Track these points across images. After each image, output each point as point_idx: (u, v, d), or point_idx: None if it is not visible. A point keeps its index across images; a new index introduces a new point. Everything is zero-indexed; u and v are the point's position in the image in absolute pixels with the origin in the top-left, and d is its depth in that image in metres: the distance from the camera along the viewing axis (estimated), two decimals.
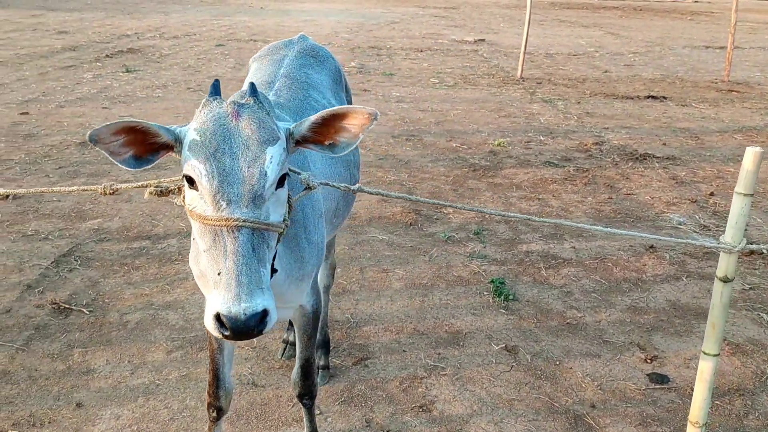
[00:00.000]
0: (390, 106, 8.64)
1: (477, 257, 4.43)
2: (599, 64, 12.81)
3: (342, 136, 1.67)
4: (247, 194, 1.45)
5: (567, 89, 10.30)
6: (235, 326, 1.39)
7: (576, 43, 15.93)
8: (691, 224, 5.07)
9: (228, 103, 1.52)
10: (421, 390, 3.06)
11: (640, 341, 3.52)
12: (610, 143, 7.24)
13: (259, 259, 1.44)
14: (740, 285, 4.13)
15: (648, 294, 4.01)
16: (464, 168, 6.27)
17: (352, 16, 20.34)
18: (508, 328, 3.61)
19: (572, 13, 24.61)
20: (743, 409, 3.00)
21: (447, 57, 13.14)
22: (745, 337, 3.56)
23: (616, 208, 5.37)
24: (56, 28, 14.20)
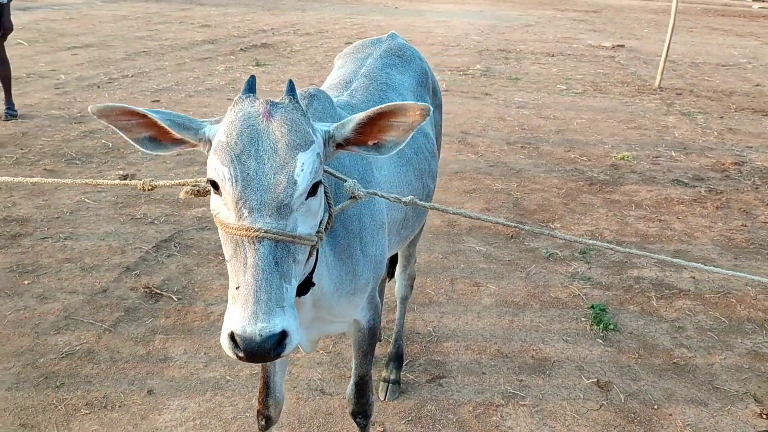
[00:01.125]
0: (509, 112, 8.34)
1: (579, 279, 4.10)
2: (751, 77, 11.72)
3: (389, 135, 1.50)
4: (272, 203, 1.32)
5: (710, 102, 9.48)
6: (249, 348, 1.27)
7: (727, 53, 14.71)
8: None
9: (261, 102, 1.40)
10: (495, 419, 2.84)
11: (757, 392, 3.08)
12: (753, 164, 6.54)
13: (282, 274, 1.31)
14: None
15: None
16: (580, 181, 5.88)
17: (485, 18, 20.02)
18: (603, 361, 3.29)
19: (726, 21, 22.81)
20: None
21: (579, 62, 12.55)
22: None
23: (750, 237, 4.81)
24: (200, 22, 15.02)
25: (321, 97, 1.78)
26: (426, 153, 2.27)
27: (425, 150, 2.27)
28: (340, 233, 1.76)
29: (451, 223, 4.85)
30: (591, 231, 4.84)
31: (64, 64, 9.61)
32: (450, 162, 6.25)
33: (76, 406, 2.75)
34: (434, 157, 2.37)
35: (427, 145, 2.29)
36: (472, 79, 10.46)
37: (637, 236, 4.79)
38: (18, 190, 4.89)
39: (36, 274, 3.74)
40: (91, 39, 11.83)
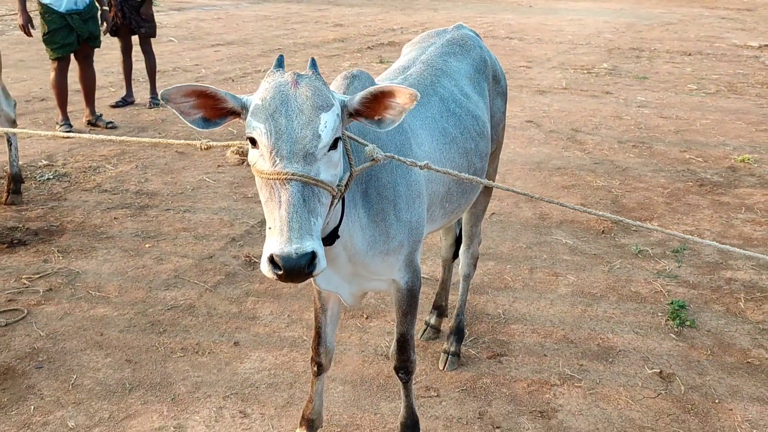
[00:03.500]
0: (628, 111, 8.13)
1: (665, 276, 4.05)
2: None
3: (389, 113, 1.73)
4: (300, 152, 1.59)
5: None
6: (287, 265, 1.53)
7: None
8: None
9: (289, 74, 1.67)
10: (547, 396, 2.95)
11: None
12: None
13: (309, 210, 1.58)
14: None
15: None
16: (689, 182, 5.70)
17: (624, 15, 19.29)
18: (671, 354, 3.28)
19: None
20: None
21: (719, 62, 11.87)
22: None
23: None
24: (334, 21, 15.75)
25: (362, 77, 2.03)
26: (473, 133, 2.44)
27: (472, 131, 2.44)
28: (374, 198, 2.00)
29: (542, 215, 4.91)
30: (690, 231, 4.72)
31: (207, 59, 10.53)
32: (553, 158, 6.26)
33: (173, 349, 3.18)
34: (484, 139, 2.52)
35: (475, 127, 2.46)
36: (596, 77, 10.25)
37: (740, 239, 4.61)
38: (152, 168, 5.55)
39: (156, 240, 4.28)
40: (233, 37, 12.82)
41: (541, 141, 6.80)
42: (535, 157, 6.30)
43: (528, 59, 11.70)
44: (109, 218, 4.57)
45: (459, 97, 2.45)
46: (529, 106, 8.29)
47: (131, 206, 4.78)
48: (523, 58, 11.78)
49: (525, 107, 8.21)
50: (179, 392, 2.88)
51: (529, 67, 10.99)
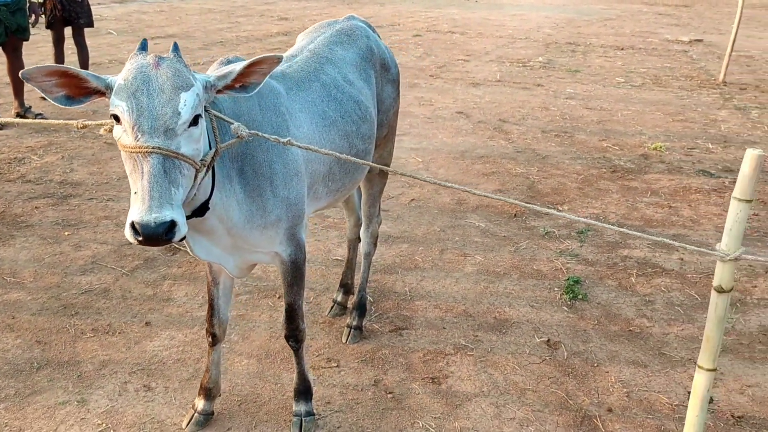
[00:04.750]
0: (556, 102, 8.44)
1: (567, 255, 4.31)
2: None
3: (252, 79, 1.93)
4: (160, 128, 1.73)
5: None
6: (146, 232, 1.69)
7: None
8: None
9: (151, 56, 1.82)
10: (440, 364, 3.15)
11: None
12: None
13: (170, 181, 1.73)
14: None
15: (742, 316, 3.63)
16: (603, 169, 6.00)
17: (566, 11, 19.78)
18: (561, 325, 3.52)
19: None
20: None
21: (649, 56, 12.33)
22: None
23: (758, 226, 4.83)
24: (280, 15, 15.78)
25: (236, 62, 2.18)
26: (355, 117, 2.61)
27: (354, 115, 2.61)
28: (250, 175, 2.16)
29: (460, 201, 5.13)
30: (597, 214, 5.00)
31: None
32: (478, 147, 6.50)
33: (84, 330, 3.29)
34: (366, 122, 2.69)
35: (357, 111, 2.63)
36: (530, 70, 10.56)
37: (641, 220, 4.90)
38: (78, 159, 5.58)
39: (76, 228, 4.35)
40: (175, 30, 12.76)
41: (469, 131, 7.04)
42: (461, 146, 6.53)
43: (467, 53, 11.96)
44: (30, 207, 4.61)
45: (341, 84, 2.62)
46: (461, 97, 8.53)
47: (54, 196, 4.82)
48: (462, 52, 12.04)
49: (457, 99, 8.45)
50: (86, 370, 2.99)
51: (467, 60, 11.25)
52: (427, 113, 7.71)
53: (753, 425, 2.80)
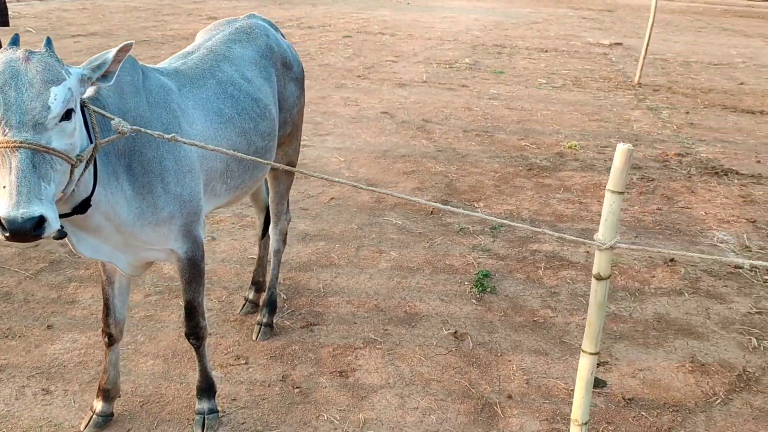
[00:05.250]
0: (479, 103, 8.63)
1: (479, 250, 4.43)
2: (739, 76, 11.81)
3: (113, 68, 1.94)
4: (29, 122, 1.71)
5: (684, 98, 9.66)
6: (13, 228, 1.66)
7: (725, 52, 14.74)
8: (733, 244, 4.68)
9: (22, 51, 1.79)
10: (349, 358, 3.20)
11: (601, 347, 3.37)
12: (696, 156, 6.76)
13: (40, 176, 1.70)
14: (748, 308, 3.80)
15: (639, 305, 3.82)
16: (520, 167, 6.18)
17: (494, 14, 20.23)
18: (469, 317, 3.62)
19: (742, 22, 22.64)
20: (668, 425, 2.83)
21: (570, 59, 12.75)
22: (717, 358, 3.31)
23: (660, 219, 5.08)
24: (208, 14, 15.54)
25: None
26: (253, 115, 2.63)
27: (251, 112, 2.63)
28: (139, 172, 2.15)
29: (379, 199, 5.20)
30: (511, 210, 5.16)
31: (65, 51, 10.16)
32: (400, 146, 6.59)
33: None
34: (266, 120, 2.71)
35: (255, 109, 2.65)
36: (456, 72, 10.76)
37: (552, 216, 5.09)
38: None
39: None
40: (96, 28, 12.41)
41: (392, 131, 7.13)
42: (383, 145, 6.61)
43: (396, 54, 12.09)
44: None
45: (238, 81, 2.63)
46: (387, 98, 8.63)
47: None
48: (391, 53, 12.16)
49: (383, 99, 8.54)
50: None
51: (395, 61, 11.37)
52: (353, 113, 7.77)
53: (642, 406, 2.96)
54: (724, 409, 2.96)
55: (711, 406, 2.97)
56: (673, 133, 7.63)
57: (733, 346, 3.43)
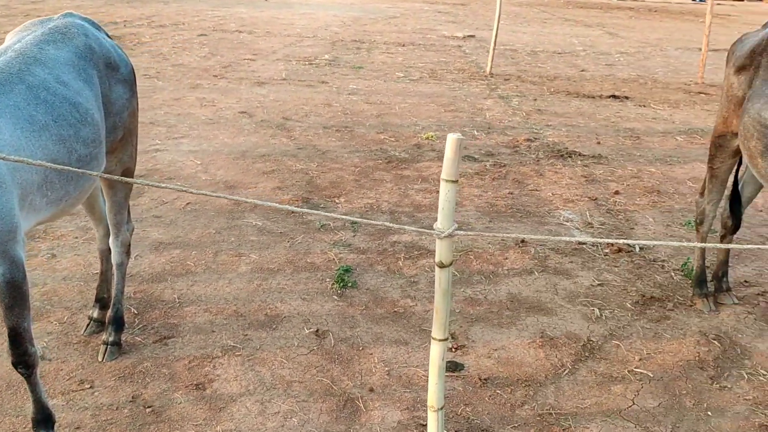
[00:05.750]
0: (338, 98, 8.64)
1: (340, 245, 4.42)
2: (580, 63, 12.64)
3: None
4: None
5: (532, 86, 10.19)
6: None
7: (568, 41, 15.73)
8: (578, 221, 4.99)
9: None
10: (206, 369, 3.08)
11: (458, 331, 3.49)
12: (544, 140, 7.15)
13: None
14: (591, 281, 4.06)
15: (493, 286, 3.97)
16: (379, 160, 6.25)
17: (353, 10, 20.37)
18: (331, 314, 3.60)
19: (583, 13, 24.28)
20: (522, 400, 2.96)
21: (427, 52, 13.09)
22: (564, 331, 3.51)
23: (512, 203, 5.31)
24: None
25: None
26: (72, 120, 2.44)
27: (70, 118, 2.44)
28: None
29: (237, 201, 5.06)
30: (371, 203, 5.20)
31: None
32: (260, 146, 6.46)
33: None
34: (87, 126, 2.51)
35: (74, 114, 2.46)
36: (316, 68, 10.71)
37: (411, 206, 5.18)
38: None
39: None
40: None
41: (251, 131, 6.97)
42: (242, 146, 6.44)
43: (254, 52, 11.85)
44: None
45: (53, 85, 2.43)
46: (245, 97, 8.43)
47: None
48: (249, 51, 11.90)
49: (241, 99, 8.34)
50: None
51: (253, 59, 11.14)
52: (209, 114, 7.52)
53: (497, 384, 3.07)
54: (571, 378, 3.13)
55: (560, 377, 3.13)
56: (523, 120, 8.02)
57: (578, 318, 3.65)
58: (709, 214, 3.82)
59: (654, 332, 3.55)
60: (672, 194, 5.66)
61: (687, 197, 5.56)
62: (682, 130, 7.87)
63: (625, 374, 3.18)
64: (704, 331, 3.57)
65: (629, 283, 4.07)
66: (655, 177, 6.11)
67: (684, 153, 6.92)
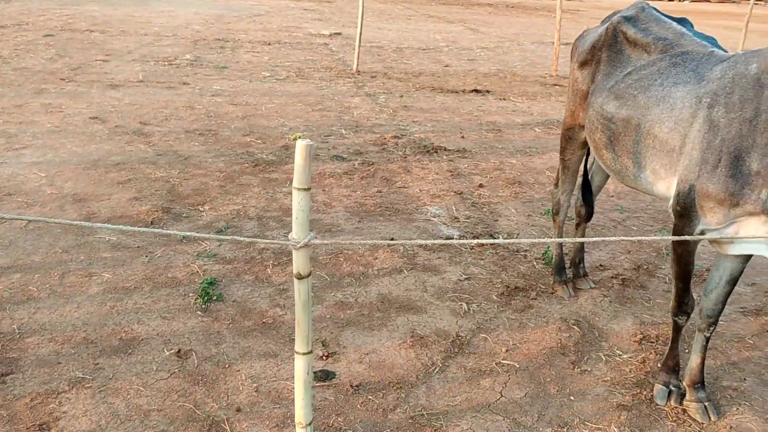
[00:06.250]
0: (202, 100, 8.30)
1: (205, 256, 4.20)
2: (444, 59, 12.95)
3: None
4: None
5: (398, 83, 10.30)
6: None
7: (432, 38, 16.10)
8: (444, 216, 5.06)
9: None
10: (51, 407, 2.79)
11: (329, 337, 3.40)
12: (411, 137, 7.22)
13: None
14: (458, 275, 4.11)
15: (363, 288, 3.92)
16: (246, 163, 6.04)
17: (215, 8, 19.75)
18: (194, 331, 3.40)
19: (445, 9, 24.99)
20: (394, 403, 2.92)
21: (293, 50, 12.91)
22: (434, 329, 3.52)
23: (380, 202, 5.30)
24: None
25: None
26: None
27: None
28: None
29: (89, 215, 4.69)
30: (237, 209, 4.99)
31: None
32: (114, 154, 6.05)
33: None
34: None
35: None
36: (176, 69, 10.25)
37: (279, 210, 5.03)
38: None
39: None
40: None
41: (104, 137, 6.52)
42: (93, 154, 6.00)
43: (107, 53, 11.17)
44: None
45: None
46: (97, 101, 7.89)
47: None
48: (101, 52, 11.20)
49: (93, 103, 7.80)
50: None
51: (106, 61, 10.49)
52: (56, 121, 6.96)
53: (369, 390, 3.02)
54: (442, 376, 3.14)
55: (430, 376, 3.13)
56: (390, 117, 8.08)
57: (447, 314, 3.68)
58: (564, 203, 3.97)
59: (519, 322, 3.64)
60: (532, 184, 5.88)
61: (546, 187, 5.80)
62: (540, 122, 8.24)
63: (493, 367, 3.23)
64: (565, 317, 3.71)
65: (494, 275, 4.16)
66: (516, 168, 6.33)
67: (542, 144, 7.24)
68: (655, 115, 2.86)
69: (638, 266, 4.41)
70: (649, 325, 3.68)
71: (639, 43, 3.17)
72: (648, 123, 2.89)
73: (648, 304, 3.93)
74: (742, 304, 3.99)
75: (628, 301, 3.94)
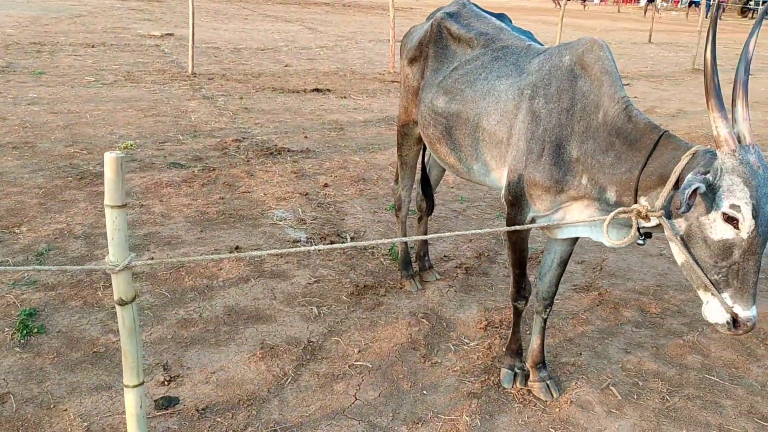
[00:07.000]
0: (16, 110, 7.53)
1: (23, 284, 3.77)
2: (283, 59, 12.78)
3: None
4: None
5: (238, 84, 10.00)
6: None
7: (270, 37, 15.86)
8: (291, 219, 4.94)
9: None
10: None
11: (171, 360, 3.17)
12: (252, 139, 7.01)
13: None
14: (307, 279, 4.02)
15: (208, 302, 3.71)
16: (70, 177, 5.53)
17: (31, 9, 18.14)
18: (12, 371, 3.02)
19: (283, 9, 24.76)
20: (244, 423, 2.77)
21: (121, 53, 12.14)
22: (284, 337, 3.40)
23: (223, 208, 5.07)
24: None
25: None
26: None
27: None
28: None
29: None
30: (61, 228, 4.55)
31: None
32: None
33: None
34: None
35: None
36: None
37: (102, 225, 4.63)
38: None
39: None
40: None
41: None
42: None
43: None
44: None
45: None
46: None
47: None
48: None
49: None
50: None
51: None
52: None
53: (217, 412, 2.84)
54: (295, 386, 3.03)
55: (283, 388, 3.01)
56: (230, 120, 7.80)
57: (297, 320, 3.57)
58: (405, 199, 4.00)
59: (370, 321, 3.62)
60: (376, 181, 5.92)
61: (389, 182, 5.86)
62: (381, 118, 8.34)
63: (346, 370, 3.17)
64: (414, 311, 3.74)
65: (343, 275, 4.12)
66: (359, 166, 6.35)
67: (383, 140, 7.32)
68: (482, 108, 2.93)
69: (480, 254, 4.56)
70: (493, 311, 3.80)
71: (462, 38, 3.24)
72: (476, 116, 2.95)
73: (491, 290, 4.07)
74: (574, 281, 4.25)
75: (473, 289, 4.05)
